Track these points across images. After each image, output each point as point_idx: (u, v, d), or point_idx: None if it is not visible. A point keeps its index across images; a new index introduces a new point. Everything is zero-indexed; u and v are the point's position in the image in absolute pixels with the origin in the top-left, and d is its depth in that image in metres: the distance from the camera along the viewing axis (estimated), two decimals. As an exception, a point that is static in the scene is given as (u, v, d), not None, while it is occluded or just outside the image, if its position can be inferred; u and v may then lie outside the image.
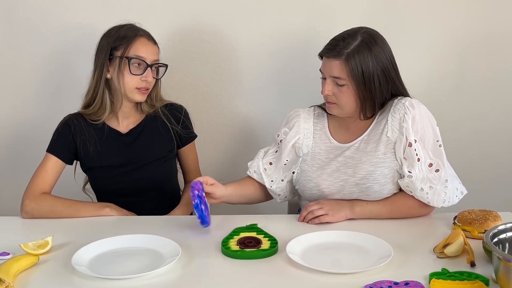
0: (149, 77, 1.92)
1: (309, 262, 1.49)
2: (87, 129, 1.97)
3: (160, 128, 2.03)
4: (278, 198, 1.98)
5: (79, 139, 1.96)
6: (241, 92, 2.41)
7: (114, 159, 1.98)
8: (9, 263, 1.46)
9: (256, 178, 1.94)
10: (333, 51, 1.75)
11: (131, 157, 1.99)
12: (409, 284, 1.38)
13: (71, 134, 1.96)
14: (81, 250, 1.57)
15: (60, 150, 1.96)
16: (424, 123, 1.78)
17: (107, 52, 1.91)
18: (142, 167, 2.00)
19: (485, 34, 2.35)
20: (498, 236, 1.41)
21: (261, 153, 1.97)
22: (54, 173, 1.95)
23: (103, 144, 1.97)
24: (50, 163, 1.94)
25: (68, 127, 1.97)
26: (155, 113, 2.03)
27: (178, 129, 2.04)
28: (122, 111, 1.99)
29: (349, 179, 1.81)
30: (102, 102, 1.95)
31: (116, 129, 2.01)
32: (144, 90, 1.94)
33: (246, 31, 2.34)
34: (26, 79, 2.38)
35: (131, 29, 1.94)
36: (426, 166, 1.76)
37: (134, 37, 1.91)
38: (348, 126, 1.87)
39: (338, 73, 1.75)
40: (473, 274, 1.41)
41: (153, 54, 1.94)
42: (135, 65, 1.91)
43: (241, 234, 1.67)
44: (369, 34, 1.77)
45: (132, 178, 2.00)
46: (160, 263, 1.52)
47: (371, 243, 1.59)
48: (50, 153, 1.95)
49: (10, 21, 2.32)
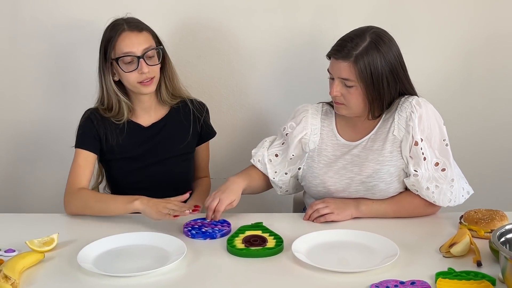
0: (144, 68, 1.87)
1: (315, 260, 1.49)
2: (109, 123, 1.96)
3: (183, 123, 2.03)
4: (279, 191, 1.97)
5: (102, 132, 1.96)
6: (246, 91, 2.40)
7: (134, 152, 1.98)
8: (15, 260, 1.47)
9: (259, 167, 1.93)
10: (341, 53, 1.74)
11: (150, 150, 1.99)
12: (415, 283, 1.38)
13: (95, 128, 1.95)
14: (87, 248, 1.57)
15: (87, 142, 1.94)
16: (431, 122, 1.77)
17: (104, 58, 1.92)
18: (161, 161, 1.99)
19: (491, 33, 2.34)
20: (505, 236, 1.41)
21: (267, 142, 1.96)
22: (88, 166, 1.93)
23: (124, 138, 1.97)
24: (81, 157, 1.93)
25: (91, 121, 1.95)
26: (179, 106, 2.03)
27: (199, 126, 2.04)
28: (141, 107, 1.99)
29: (355, 177, 1.81)
30: (119, 105, 1.95)
31: (138, 122, 2.00)
32: (147, 81, 1.90)
33: (251, 29, 2.33)
34: (32, 76, 2.38)
35: (114, 27, 1.91)
36: (432, 165, 1.76)
37: (117, 36, 1.88)
38: (355, 125, 1.87)
39: (347, 75, 1.74)
40: (479, 274, 1.41)
41: (141, 44, 1.88)
42: (127, 62, 1.88)
43: (246, 233, 1.67)
44: (377, 34, 1.76)
45: (150, 172, 1.99)
46: (165, 261, 1.52)
47: (377, 242, 1.59)
48: (79, 148, 1.94)
49: (16, 17, 2.32)
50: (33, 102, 2.40)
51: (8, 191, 2.49)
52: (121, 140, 1.97)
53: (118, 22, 1.92)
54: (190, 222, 1.75)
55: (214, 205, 1.75)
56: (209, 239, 1.67)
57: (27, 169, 2.46)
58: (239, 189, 1.82)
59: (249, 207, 2.05)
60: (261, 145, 1.96)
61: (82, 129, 1.97)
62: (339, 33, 1.81)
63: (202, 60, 2.37)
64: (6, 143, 2.44)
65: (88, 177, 1.93)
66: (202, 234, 1.68)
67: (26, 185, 2.48)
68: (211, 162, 2.19)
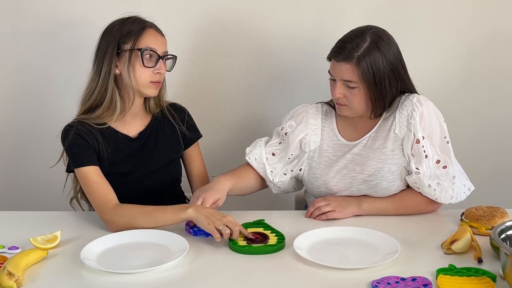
0: (162, 69, 1.84)
1: (316, 257, 1.50)
2: (96, 135, 1.85)
3: (167, 129, 1.97)
4: (276, 190, 1.95)
5: (95, 144, 1.85)
6: (247, 90, 2.41)
7: (125, 167, 1.89)
8: (19, 257, 1.48)
9: (255, 166, 1.89)
10: (342, 54, 1.73)
11: (142, 162, 1.92)
12: (416, 279, 1.39)
13: (86, 141, 1.83)
14: (90, 245, 1.58)
15: (89, 158, 1.82)
16: (432, 119, 1.77)
17: (115, 46, 1.83)
18: (152, 173, 1.93)
19: (492, 31, 2.34)
20: (505, 232, 1.41)
21: (261, 141, 1.93)
22: (104, 180, 1.80)
23: (113, 151, 1.88)
24: (92, 174, 1.79)
25: (81, 137, 1.82)
26: (161, 113, 1.98)
27: (183, 129, 1.99)
28: (131, 112, 1.91)
29: (357, 176, 1.81)
30: (111, 102, 1.84)
31: (125, 133, 1.91)
32: (158, 83, 1.86)
33: (253, 28, 2.34)
34: (34, 74, 2.39)
35: (137, 21, 1.87)
36: (434, 162, 1.76)
37: (143, 29, 1.84)
38: (356, 124, 1.87)
39: (350, 76, 1.74)
40: (480, 270, 1.42)
41: (163, 45, 1.87)
42: (147, 57, 1.83)
43: (248, 230, 1.67)
44: (376, 34, 1.75)
45: (142, 184, 1.91)
46: (168, 258, 1.52)
47: (378, 239, 1.59)
48: (82, 167, 1.80)
49: (19, 16, 2.33)
50: (36, 100, 2.41)
51: (12, 189, 2.50)
52: (111, 151, 1.86)
53: (140, 19, 1.87)
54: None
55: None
56: (211, 236, 1.67)
57: (30, 167, 2.47)
58: (223, 188, 1.77)
59: (251, 205, 2.06)
60: (255, 144, 1.93)
61: (76, 147, 1.82)
62: (340, 32, 1.81)
63: (203, 58, 2.37)
64: (9, 140, 2.45)
65: (112, 190, 1.79)
66: (204, 232, 1.68)
67: (30, 183, 2.49)
68: (210, 163, 2.15)
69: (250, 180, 1.91)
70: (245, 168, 1.91)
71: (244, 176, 1.89)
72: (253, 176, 1.91)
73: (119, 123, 1.91)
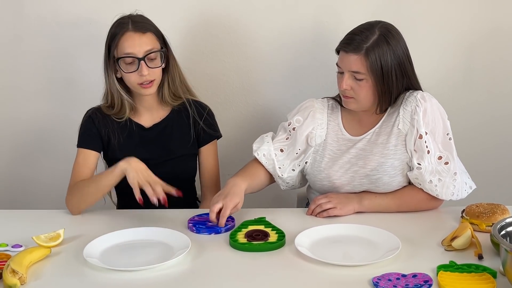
0: (144, 70, 1.85)
1: (317, 254, 1.51)
2: (110, 122, 1.96)
3: (183, 123, 2.00)
4: (285, 186, 1.95)
5: (104, 130, 1.95)
6: (250, 88, 2.41)
7: (135, 153, 1.90)
8: (22, 255, 1.49)
9: (264, 162, 1.89)
10: (351, 46, 1.75)
11: (152, 152, 1.96)
12: (417, 276, 1.39)
13: (96, 127, 1.95)
14: (93, 242, 1.59)
15: (88, 141, 1.94)
16: (435, 116, 1.78)
17: (107, 53, 1.91)
18: (162, 163, 1.95)
19: (493, 27, 2.34)
20: (505, 229, 1.42)
21: (268, 137, 1.93)
22: (87, 164, 1.92)
23: (125, 138, 1.96)
24: (81, 156, 1.93)
25: (92, 121, 1.96)
26: (180, 107, 2.00)
27: (199, 127, 2.00)
28: (143, 105, 1.98)
29: (360, 171, 1.82)
30: (121, 102, 1.94)
31: (140, 123, 1.99)
32: (147, 84, 1.88)
33: (254, 26, 2.34)
34: (35, 74, 2.39)
35: (119, 25, 1.88)
36: (436, 158, 1.77)
37: (121, 35, 1.86)
38: (361, 119, 1.88)
39: (358, 67, 1.74)
40: (480, 267, 1.42)
41: (142, 45, 1.85)
42: (128, 63, 1.86)
43: (249, 227, 1.68)
44: (386, 28, 1.77)
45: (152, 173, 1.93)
46: (170, 255, 1.53)
47: (379, 236, 1.60)
48: (79, 148, 1.95)
49: (20, 15, 2.33)
50: (38, 100, 2.42)
51: (16, 188, 2.51)
52: (122, 139, 1.96)
53: (123, 21, 1.89)
54: (194, 217, 1.77)
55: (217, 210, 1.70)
56: (214, 234, 1.68)
57: (34, 166, 2.48)
58: (241, 191, 1.77)
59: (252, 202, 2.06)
60: (261, 140, 1.93)
61: (83, 129, 1.97)
62: (341, 29, 1.82)
63: (206, 57, 2.37)
64: (12, 140, 2.46)
65: (87, 174, 1.91)
66: (207, 229, 1.69)
67: (33, 182, 2.49)
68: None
69: (260, 178, 1.91)
70: (255, 165, 1.91)
71: (255, 174, 1.90)
72: (263, 173, 1.92)
73: (136, 114, 1.99)
